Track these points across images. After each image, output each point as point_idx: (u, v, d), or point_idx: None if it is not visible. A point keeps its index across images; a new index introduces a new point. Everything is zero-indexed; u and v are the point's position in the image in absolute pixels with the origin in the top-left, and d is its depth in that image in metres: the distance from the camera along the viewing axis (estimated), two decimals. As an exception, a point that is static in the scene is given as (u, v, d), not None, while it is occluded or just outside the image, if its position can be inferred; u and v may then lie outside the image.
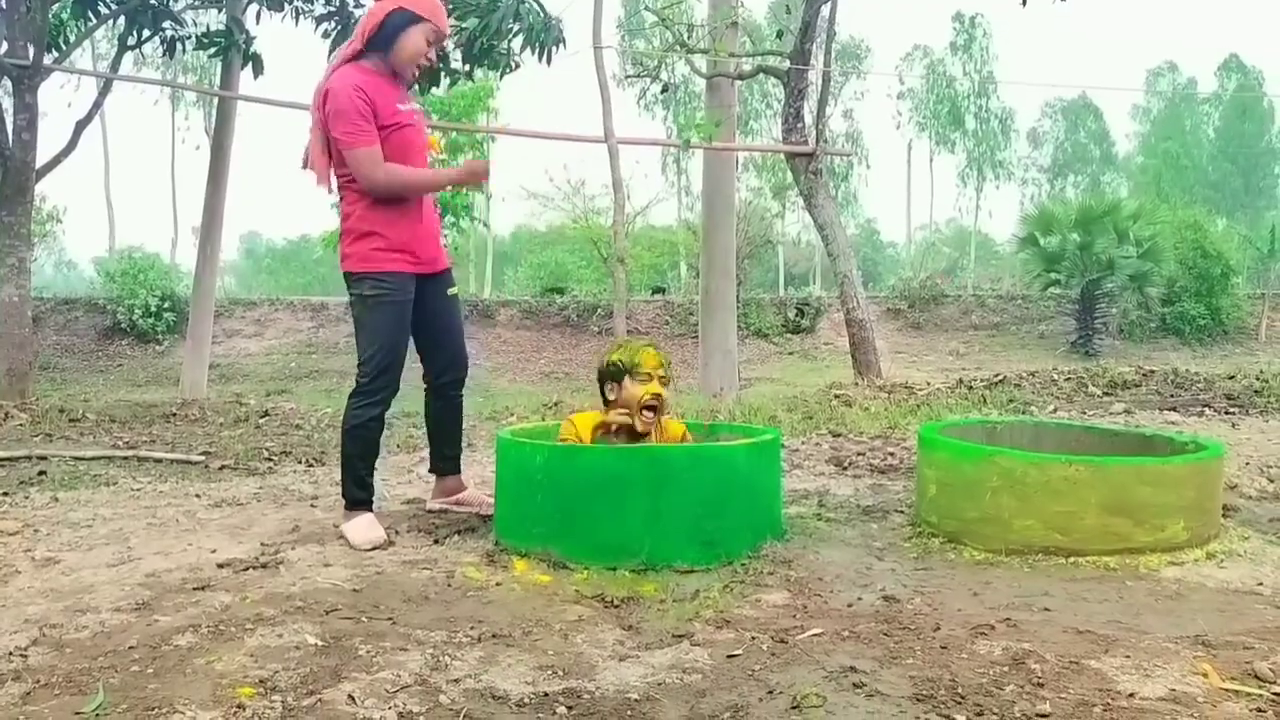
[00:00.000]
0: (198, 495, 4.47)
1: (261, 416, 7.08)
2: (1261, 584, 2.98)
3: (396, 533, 3.64)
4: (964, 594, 2.90)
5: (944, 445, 3.54)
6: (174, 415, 7.10)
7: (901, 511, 4.00)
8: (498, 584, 3.01)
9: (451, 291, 3.91)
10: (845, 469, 5.06)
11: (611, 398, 3.54)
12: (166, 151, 46.73)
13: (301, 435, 6.40)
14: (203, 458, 5.58)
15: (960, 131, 56.06)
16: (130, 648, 2.47)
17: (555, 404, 7.39)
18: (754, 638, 2.51)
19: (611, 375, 3.53)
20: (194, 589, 2.98)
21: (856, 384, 8.25)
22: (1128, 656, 2.34)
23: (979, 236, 58.52)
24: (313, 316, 30.17)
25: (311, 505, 4.17)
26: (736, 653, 2.41)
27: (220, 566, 3.22)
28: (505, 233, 56.73)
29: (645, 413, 3.46)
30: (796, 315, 30.50)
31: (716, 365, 10.76)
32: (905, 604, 2.80)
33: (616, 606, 2.81)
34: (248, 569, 3.19)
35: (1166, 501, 3.21)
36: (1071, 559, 3.19)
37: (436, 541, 3.50)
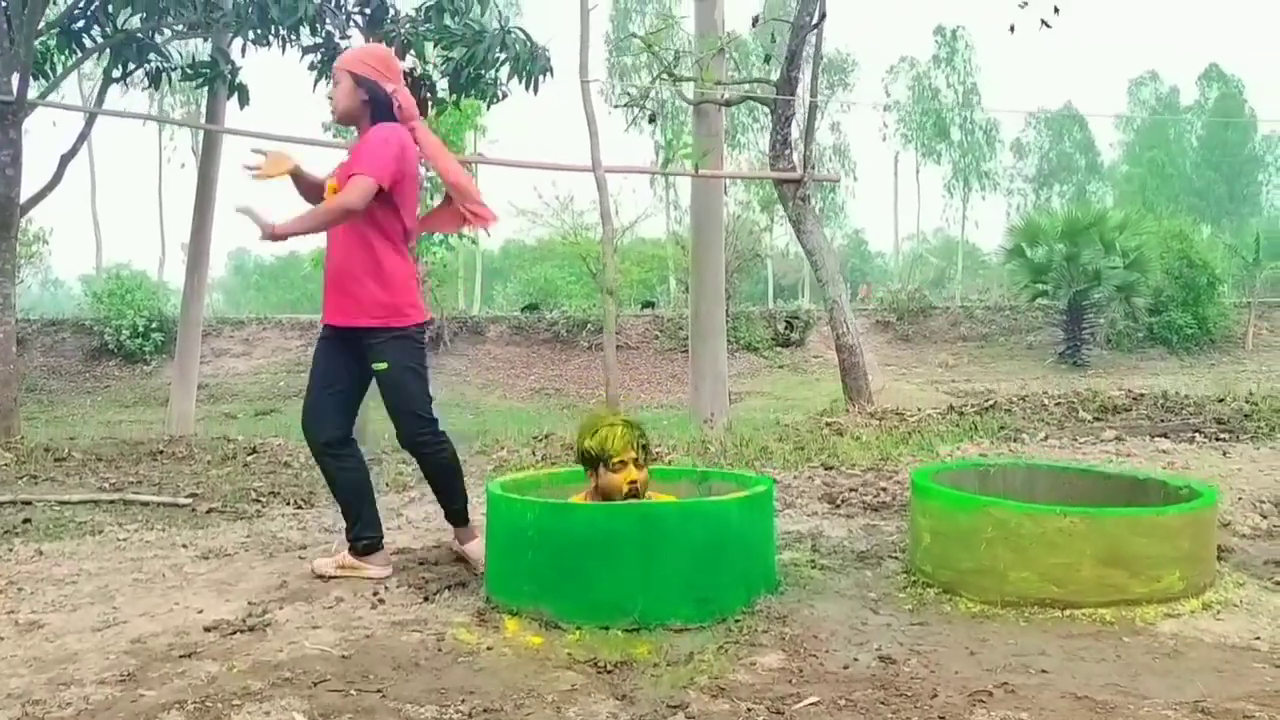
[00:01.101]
0: (184, 545, 4.42)
1: (249, 454, 7.02)
2: (1259, 638, 2.96)
3: (386, 588, 3.60)
4: (961, 653, 2.87)
5: (938, 494, 3.52)
6: (161, 453, 7.04)
7: (895, 557, 3.97)
8: (489, 648, 2.96)
9: (377, 368, 3.79)
10: (838, 507, 5.04)
11: (591, 484, 3.50)
12: (153, 170, 46.47)
13: (290, 474, 6.33)
14: (189, 500, 5.53)
15: (945, 143, 56.30)
16: (115, 728, 2.42)
17: (546, 436, 7.35)
18: (750, 709, 2.47)
19: (586, 462, 3.49)
20: (180, 656, 2.93)
21: (848, 411, 8.23)
22: (1128, 727, 2.31)
23: (966, 247, 58.69)
24: (301, 335, 30.08)
25: (299, 557, 4.12)
26: (732, 727, 2.37)
27: (207, 630, 3.17)
28: (495, 247, 56.67)
29: (628, 500, 3.40)
30: (786, 329, 30.53)
31: (707, 390, 10.73)
32: (902, 665, 2.77)
33: (609, 672, 2.77)
34: (235, 633, 3.14)
35: (1162, 553, 3.19)
36: (1067, 611, 3.16)
37: (426, 599, 3.46)
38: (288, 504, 5.52)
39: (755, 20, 11.87)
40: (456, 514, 4.00)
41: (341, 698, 2.58)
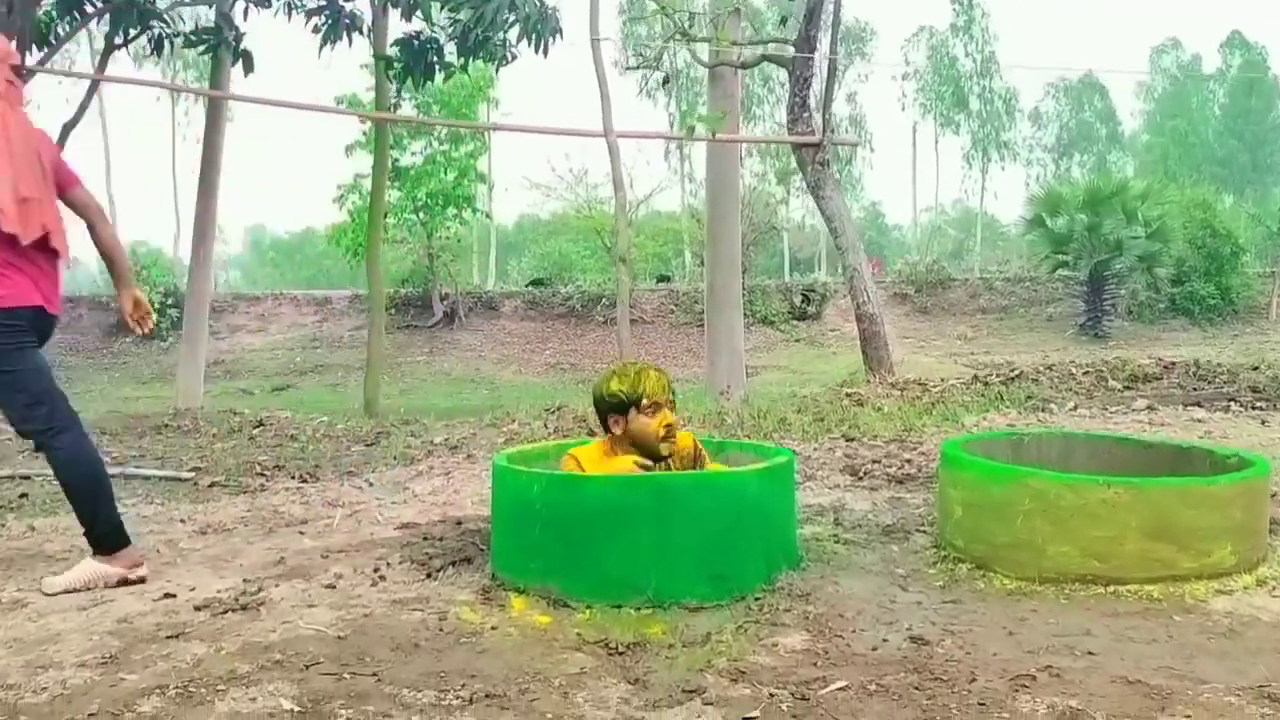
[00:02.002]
0: (182, 520, 4.26)
1: (255, 427, 6.87)
2: (1320, 616, 2.75)
3: (388, 564, 3.42)
4: (998, 633, 2.68)
5: (970, 465, 3.31)
6: (166, 426, 6.90)
7: (924, 530, 3.77)
8: (493, 628, 2.78)
9: None
10: (861, 479, 4.84)
11: (617, 431, 3.29)
12: (167, 146, 46.35)
13: (296, 447, 6.18)
14: (192, 474, 5.38)
15: (964, 113, 55.59)
16: (90, 715, 2.25)
17: (558, 408, 7.16)
18: (772, 694, 2.29)
19: (614, 408, 3.27)
20: (167, 637, 2.76)
21: (869, 381, 8.01)
22: (1188, 716, 2.11)
23: (985, 218, 58.07)
24: (317, 310, 30.00)
25: (300, 533, 3.95)
26: (753, 715, 2.18)
27: (198, 609, 3.01)
28: (509, 222, 56.41)
29: (664, 443, 3.24)
30: (803, 302, 30.22)
31: (723, 363, 10.48)
32: (935, 647, 2.58)
33: (621, 654, 2.59)
34: (226, 612, 2.98)
35: (1212, 525, 2.98)
36: (1111, 588, 2.96)
37: (429, 575, 3.28)
38: (292, 478, 5.37)
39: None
40: (94, 541, 3.40)
41: (334, 682, 2.41)
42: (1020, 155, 61.26)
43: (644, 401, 3.21)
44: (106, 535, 3.37)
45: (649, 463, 3.21)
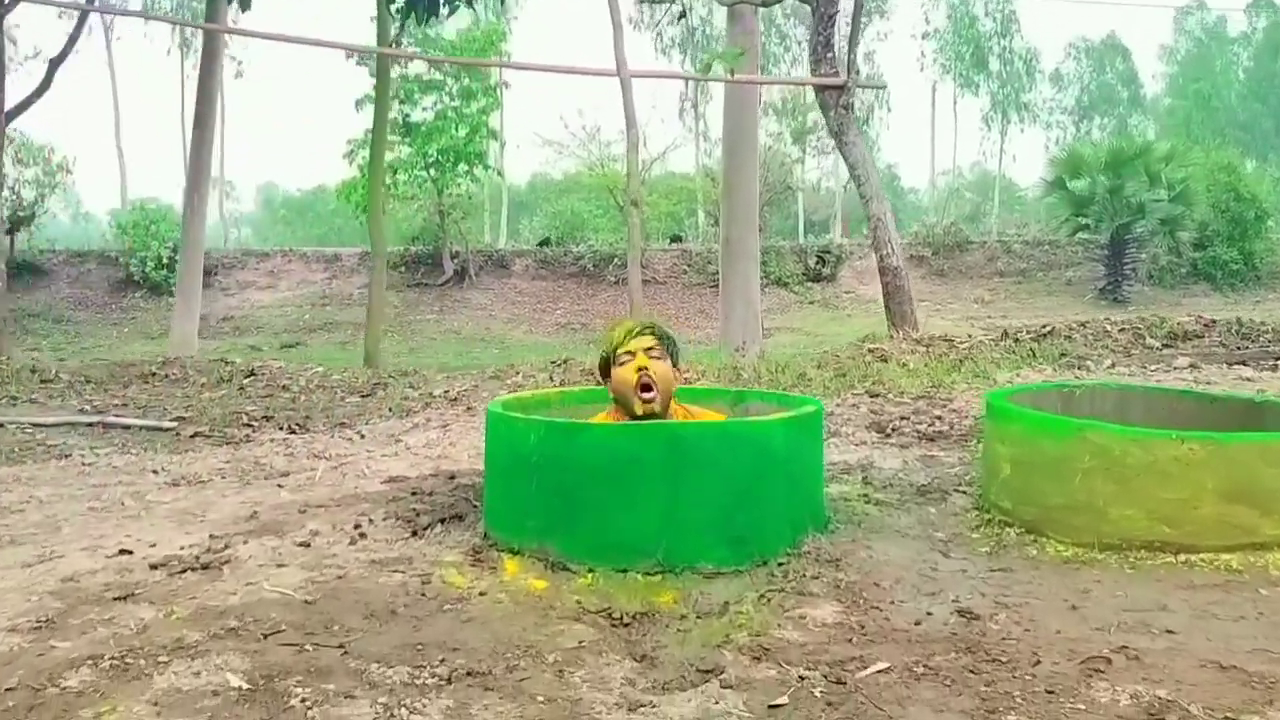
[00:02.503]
0: (155, 471, 3.94)
1: (247, 376, 6.55)
2: None
3: (370, 521, 3.10)
4: (1059, 607, 2.33)
5: (1021, 417, 2.96)
6: (154, 375, 6.58)
7: (962, 491, 3.42)
8: (481, 593, 2.45)
9: None
10: (888, 436, 4.48)
11: (611, 392, 3.00)
12: (176, 100, 45.82)
13: (287, 398, 5.87)
14: (174, 424, 5.06)
15: (984, 73, 54.65)
16: (8, 690, 1.93)
17: (564, 361, 6.82)
18: (802, 677, 1.95)
19: (602, 370, 3.02)
20: (114, 599, 2.45)
21: (891, 337, 7.63)
22: (1302, 710, 1.77)
23: (1003, 181, 57.23)
24: (326, 268, 29.65)
25: (279, 486, 3.62)
26: (781, 702, 1.85)
27: (154, 567, 2.69)
28: (521, 181, 55.85)
29: (642, 393, 2.86)
30: (817, 264, 29.74)
31: (738, 317, 10.05)
32: (988, 622, 2.24)
33: (626, 625, 2.26)
34: (185, 570, 2.66)
35: (1300, 487, 2.62)
36: (1183, 557, 2.61)
37: (415, 533, 2.95)
38: (280, 428, 5.05)
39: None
40: None
41: (294, 654, 2.08)
42: (1040, 117, 60.30)
43: (618, 353, 2.90)
44: None
45: (620, 415, 2.90)
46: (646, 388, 2.85)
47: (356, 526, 3.02)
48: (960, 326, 15.38)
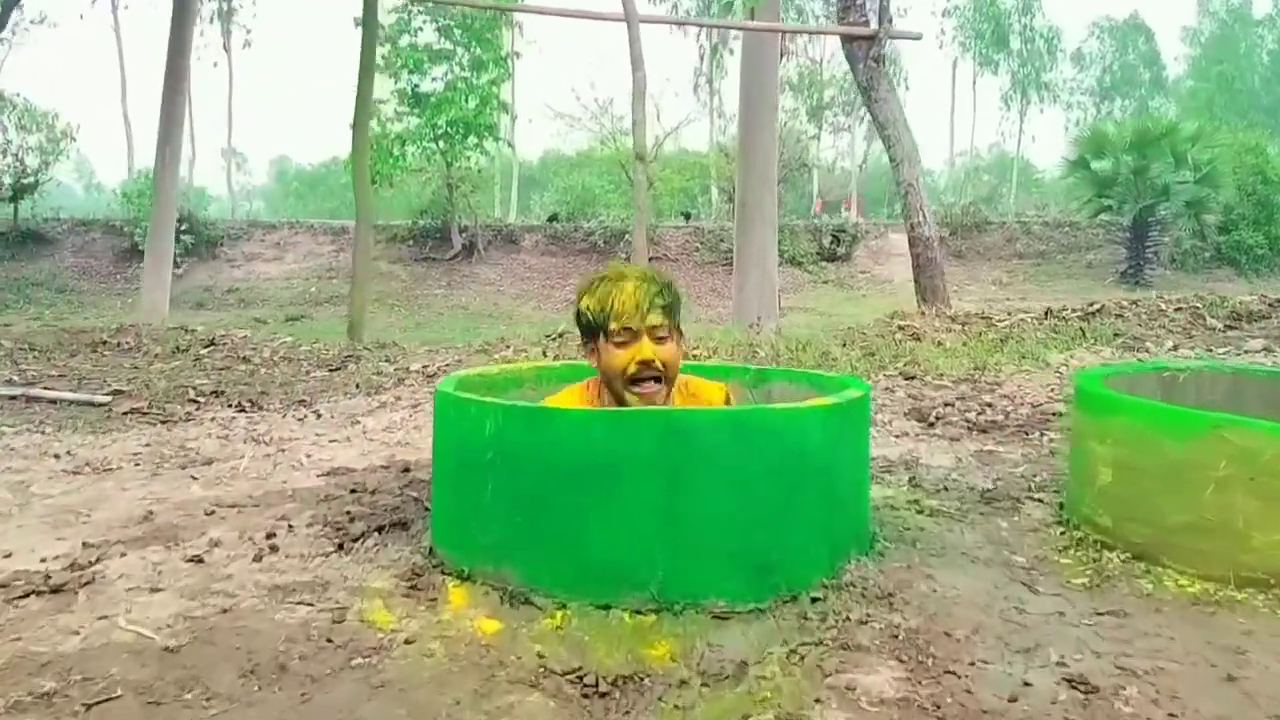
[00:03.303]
0: (59, 455, 3.30)
1: (206, 347, 5.90)
2: None
3: (289, 528, 2.44)
4: (1207, 675, 1.67)
5: (1129, 408, 2.28)
6: (104, 343, 5.94)
7: (1037, 499, 2.75)
8: (409, 640, 1.80)
9: None
10: (932, 425, 3.81)
11: (592, 363, 2.31)
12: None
13: (244, 371, 5.22)
14: (109, 399, 4.42)
15: (1004, 52, 53.66)
16: None
17: (560, 334, 6.14)
18: (861, 801, 1.29)
19: (585, 330, 2.30)
20: (-87, 638, 1.80)
21: (923, 313, 6.95)
22: None
23: (1020, 163, 56.29)
24: (334, 240, 29.04)
25: (193, 478, 2.97)
26: None
27: (-10, 589, 2.04)
28: (534, 157, 55.17)
29: (634, 388, 2.19)
30: (832, 243, 29.09)
31: (753, 288, 9.28)
32: (1114, 700, 1.57)
33: (603, 696, 1.60)
34: (28, 595, 2.01)
35: None
36: (1358, 600, 1.94)
37: (341, 547, 2.29)
38: (229, 405, 4.39)
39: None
40: None
41: (116, 741, 1.43)
42: (1060, 98, 59.36)
43: (611, 326, 2.18)
44: None
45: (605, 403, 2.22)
46: (644, 380, 2.18)
47: (269, 536, 2.36)
48: (978, 308, 14.71)
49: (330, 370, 5.28)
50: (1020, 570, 2.19)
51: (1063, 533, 2.42)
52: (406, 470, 2.98)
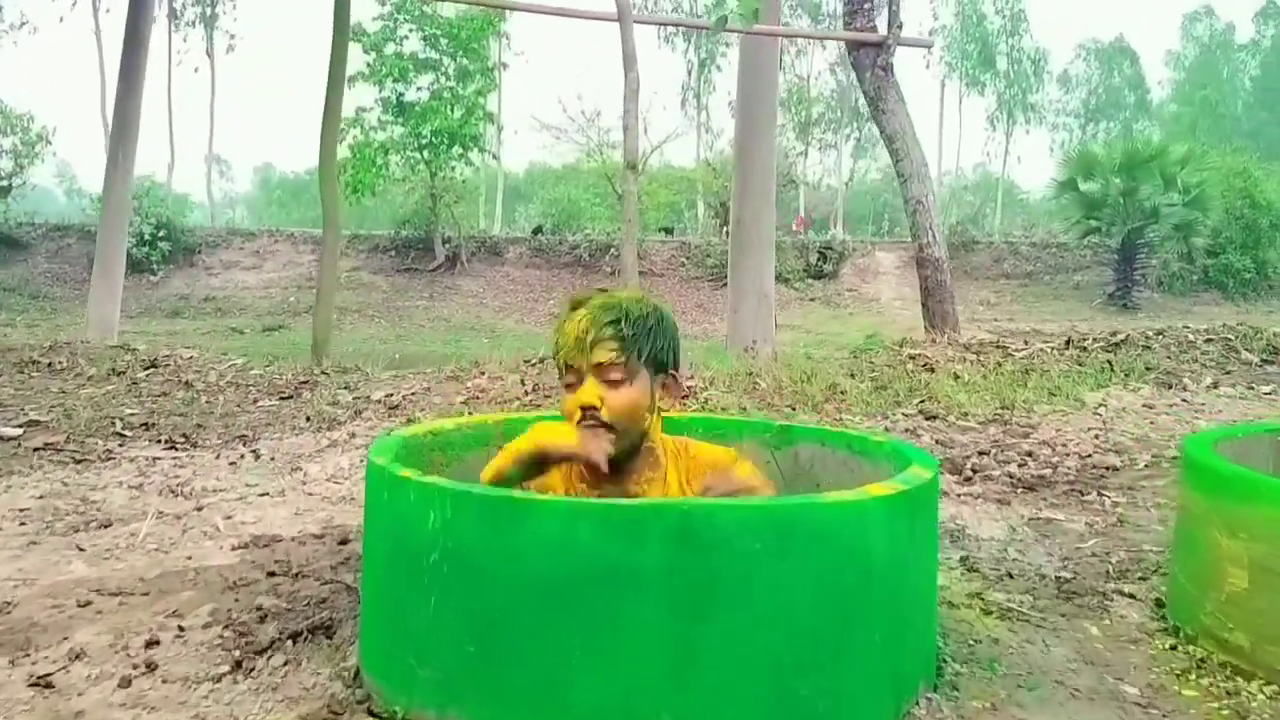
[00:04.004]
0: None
1: (147, 368, 5.32)
2: None
3: (179, 631, 1.88)
4: None
5: (1271, 492, 1.75)
6: (34, 363, 5.36)
7: (1124, 591, 2.21)
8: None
9: None
10: (969, 480, 3.28)
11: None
12: (163, 73, 44.47)
13: (181, 399, 4.65)
14: (19, 431, 3.85)
15: (990, 73, 53.75)
16: None
17: (541, 360, 5.60)
18: None
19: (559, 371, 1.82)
20: None
21: (933, 340, 6.44)
22: None
23: (1005, 184, 56.28)
24: (314, 249, 28.48)
25: (79, 548, 2.41)
26: None
27: None
28: (520, 169, 54.83)
29: (584, 432, 1.70)
30: (819, 260, 28.87)
31: (749, 311, 8.70)
32: None
33: None
34: None
35: None
36: None
37: (238, 664, 1.73)
38: (159, 441, 3.83)
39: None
40: None
41: None
42: (1046, 119, 59.56)
43: (559, 366, 1.77)
44: None
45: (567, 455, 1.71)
46: (587, 427, 1.70)
47: (150, 644, 1.80)
48: (966, 329, 14.29)
49: (281, 398, 4.71)
50: (1135, 709, 1.66)
51: (1174, 646, 1.90)
52: (344, 543, 2.42)
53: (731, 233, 9.57)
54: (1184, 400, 4.57)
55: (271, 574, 2.17)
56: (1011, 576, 2.28)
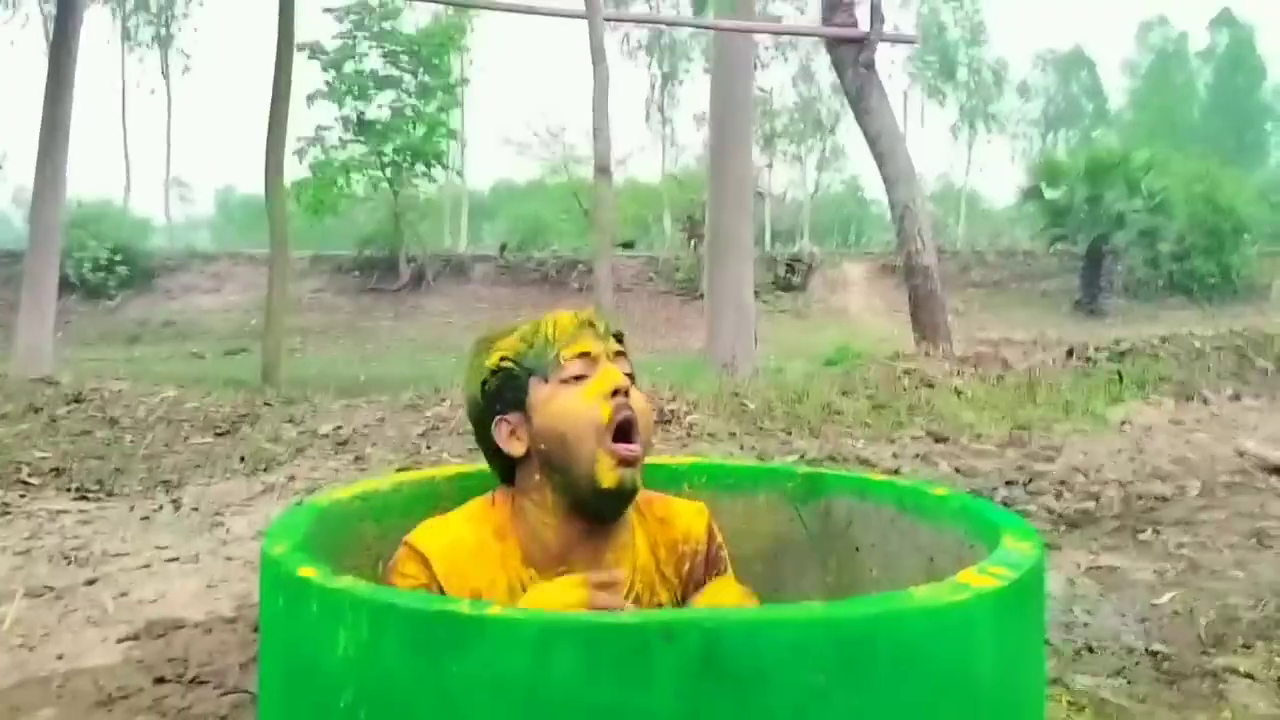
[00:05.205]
0: None
1: (70, 404, 4.81)
2: None
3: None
4: None
5: None
6: (-59, 401, 4.82)
7: (1233, 666, 1.79)
8: None
9: None
10: (1001, 517, 2.85)
11: (514, 450, 1.31)
12: (118, 94, 43.81)
13: (103, 438, 4.17)
14: (-93, 483, 3.33)
15: (951, 83, 54.23)
16: None
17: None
18: None
19: (496, 401, 1.33)
20: None
21: (926, 353, 6.06)
22: None
23: (967, 192, 56.70)
24: (275, 272, 28.02)
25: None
26: None
27: None
28: (484, 187, 54.49)
29: (619, 446, 1.23)
30: (787, 272, 28.82)
31: (728, 326, 8.23)
32: None
33: None
34: None
35: None
36: None
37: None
38: (68, 489, 3.34)
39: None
40: None
41: None
42: (1006, 128, 60.23)
43: (560, 358, 1.29)
44: None
45: (609, 581, 1.23)
46: (626, 432, 1.24)
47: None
48: (977, 348, 14.04)
49: (216, 434, 4.22)
50: None
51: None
52: (257, 630, 1.95)
53: (708, 244, 9.11)
54: (1211, 415, 4.20)
55: (160, 679, 1.69)
56: (1092, 650, 1.85)
